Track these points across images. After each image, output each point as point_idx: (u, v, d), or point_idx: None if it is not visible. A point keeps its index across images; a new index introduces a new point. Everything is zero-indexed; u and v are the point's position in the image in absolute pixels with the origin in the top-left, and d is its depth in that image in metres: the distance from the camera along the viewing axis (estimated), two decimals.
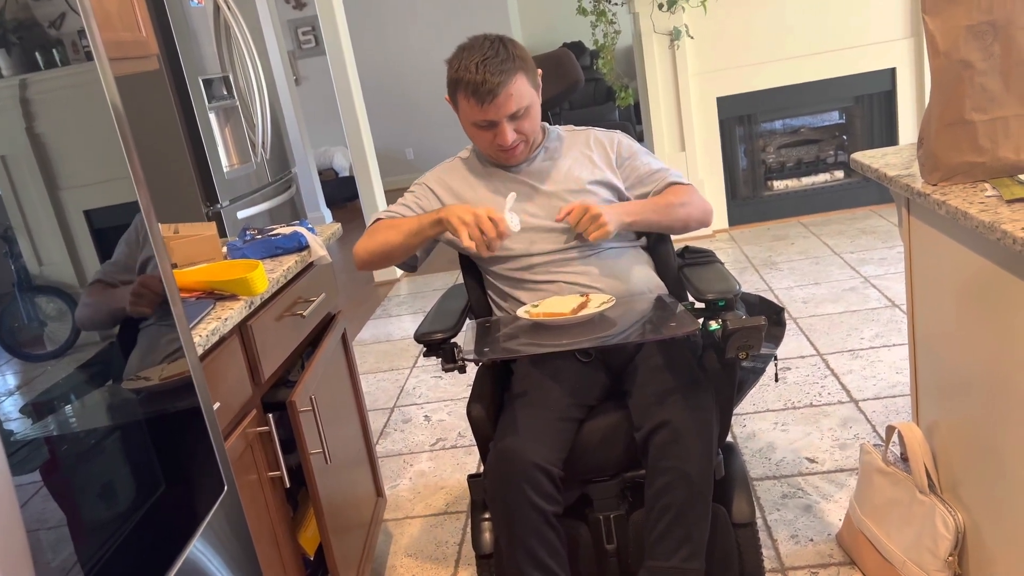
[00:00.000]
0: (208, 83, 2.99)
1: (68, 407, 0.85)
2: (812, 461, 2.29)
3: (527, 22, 8.24)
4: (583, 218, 1.60)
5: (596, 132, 1.84)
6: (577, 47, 7.72)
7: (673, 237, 1.86)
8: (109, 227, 0.99)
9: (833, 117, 4.82)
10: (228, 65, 3.17)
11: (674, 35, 4.37)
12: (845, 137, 4.81)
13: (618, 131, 1.87)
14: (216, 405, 1.26)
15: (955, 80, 1.37)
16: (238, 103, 3.21)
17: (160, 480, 0.98)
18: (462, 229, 1.55)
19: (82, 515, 0.83)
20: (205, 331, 1.30)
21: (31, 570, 0.73)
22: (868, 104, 4.60)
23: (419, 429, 2.93)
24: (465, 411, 1.69)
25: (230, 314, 1.40)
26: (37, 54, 0.91)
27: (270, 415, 1.56)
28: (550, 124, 1.87)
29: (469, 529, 2.25)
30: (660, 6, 4.28)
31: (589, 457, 1.59)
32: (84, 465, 0.85)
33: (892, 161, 1.69)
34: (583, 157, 1.79)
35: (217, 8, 3.10)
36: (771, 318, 1.71)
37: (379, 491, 2.18)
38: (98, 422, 0.90)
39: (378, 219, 1.80)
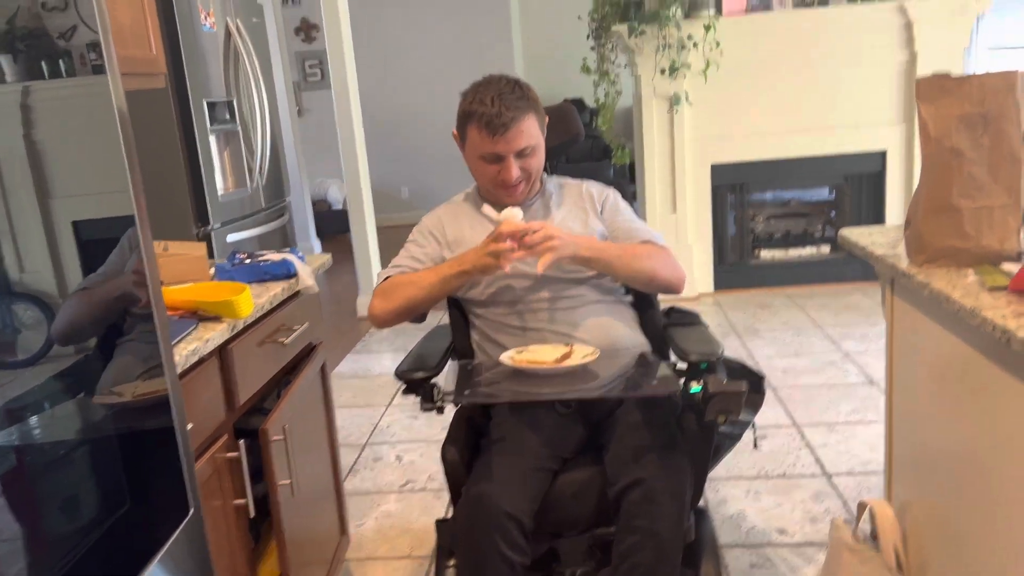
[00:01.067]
0: (212, 106, 3.01)
1: (34, 418, 0.83)
2: (782, 532, 2.28)
3: (531, 75, 8.39)
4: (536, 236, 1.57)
5: (589, 184, 1.87)
6: (578, 103, 7.85)
7: (659, 296, 1.87)
8: (96, 239, 0.98)
9: (823, 193, 4.90)
10: (233, 90, 3.20)
11: (674, 100, 4.46)
12: (834, 213, 4.89)
13: (612, 188, 1.89)
14: (188, 427, 1.24)
15: (944, 167, 1.40)
16: (239, 128, 3.23)
17: (125, 498, 0.96)
18: (494, 261, 1.57)
19: (41, 529, 0.81)
20: (185, 351, 1.29)
21: None
22: (858, 183, 4.69)
23: (389, 469, 2.89)
24: (439, 454, 1.67)
25: (212, 335, 1.39)
26: (43, 63, 0.91)
27: (241, 441, 1.54)
28: (548, 175, 1.89)
29: (432, 574, 2.20)
30: (662, 71, 4.37)
31: (560, 510, 1.58)
32: (47, 478, 0.83)
33: (879, 240, 1.72)
34: (578, 209, 1.81)
35: (228, 34, 3.14)
36: (751, 385, 1.71)
37: (343, 529, 2.14)
38: (65, 435, 0.89)
39: (387, 277, 1.79)
